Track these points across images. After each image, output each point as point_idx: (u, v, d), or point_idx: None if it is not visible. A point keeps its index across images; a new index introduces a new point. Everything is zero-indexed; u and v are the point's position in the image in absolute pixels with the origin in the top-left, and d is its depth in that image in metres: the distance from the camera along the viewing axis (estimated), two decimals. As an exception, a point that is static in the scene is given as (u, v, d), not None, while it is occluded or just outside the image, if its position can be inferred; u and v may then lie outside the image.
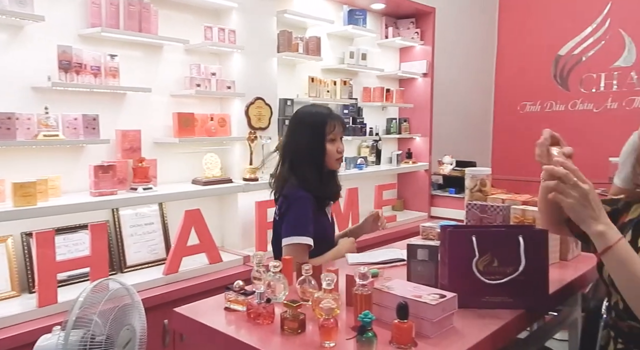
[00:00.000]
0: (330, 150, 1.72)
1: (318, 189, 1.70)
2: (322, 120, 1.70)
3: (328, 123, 1.70)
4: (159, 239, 2.39)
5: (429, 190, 3.84)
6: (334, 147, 1.72)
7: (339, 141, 1.75)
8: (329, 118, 1.71)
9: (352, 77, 3.45)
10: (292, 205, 1.66)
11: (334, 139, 1.72)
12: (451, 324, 1.10)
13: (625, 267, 0.92)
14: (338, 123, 1.73)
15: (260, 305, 1.11)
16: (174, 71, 2.51)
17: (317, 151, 1.70)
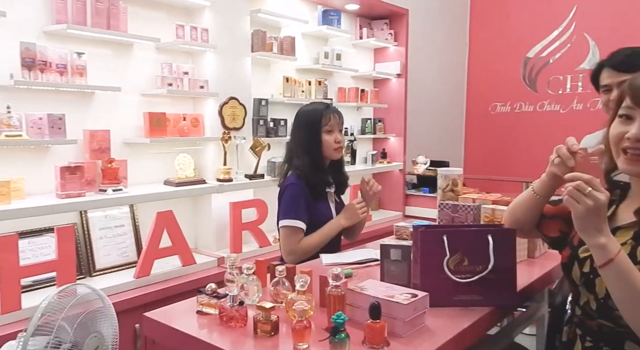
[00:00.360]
0: (327, 140, 1.85)
1: (311, 178, 1.82)
2: (318, 114, 1.85)
3: (324, 116, 1.84)
4: (130, 241, 2.34)
5: (404, 189, 3.89)
6: (331, 137, 1.85)
7: (336, 132, 1.87)
8: (324, 111, 1.86)
9: (327, 78, 3.45)
10: (284, 192, 1.85)
11: (330, 130, 1.85)
12: (423, 323, 1.12)
13: (625, 279, 0.89)
14: (334, 115, 1.86)
15: (233, 308, 1.10)
16: (145, 70, 2.45)
17: (314, 143, 1.84)
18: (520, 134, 4.57)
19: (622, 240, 0.98)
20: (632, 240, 0.97)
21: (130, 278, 2.13)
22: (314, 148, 1.84)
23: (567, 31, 4.36)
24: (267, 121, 3.02)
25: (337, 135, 1.87)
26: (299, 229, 1.78)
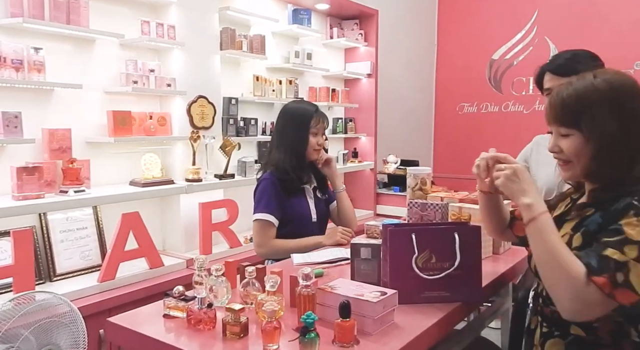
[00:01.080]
0: (312, 141, 1.93)
1: (287, 173, 1.88)
2: (309, 114, 1.92)
3: (314, 118, 1.92)
4: (94, 244, 2.26)
5: (375, 188, 3.92)
6: (315, 139, 1.93)
7: (320, 136, 1.95)
8: (315, 114, 1.93)
9: (298, 77, 3.44)
10: (257, 186, 1.94)
11: (316, 133, 1.93)
12: (392, 320, 1.12)
13: (543, 237, 0.98)
14: (322, 119, 1.95)
15: (201, 311, 1.07)
16: (109, 67, 2.37)
17: (300, 141, 1.91)
18: (486, 133, 4.69)
19: (564, 231, 1.05)
20: (571, 231, 1.04)
21: (94, 282, 2.06)
22: (299, 146, 1.91)
23: (530, 34, 4.51)
24: (237, 120, 2.98)
25: (320, 138, 1.94)
26: (268, 223, 1.86)
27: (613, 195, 0.98)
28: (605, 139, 0.97)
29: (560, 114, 1.02)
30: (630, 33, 3.99)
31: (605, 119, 0.97)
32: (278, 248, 1.86)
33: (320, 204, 2.03)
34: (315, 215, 1.99)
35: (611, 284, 0.89)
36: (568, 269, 0.93)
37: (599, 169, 1.00)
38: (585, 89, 1.00)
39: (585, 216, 1.03)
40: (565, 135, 1.03)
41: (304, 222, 1.94)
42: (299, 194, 1.95)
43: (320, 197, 2.05)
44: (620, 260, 0.89)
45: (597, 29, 4.09)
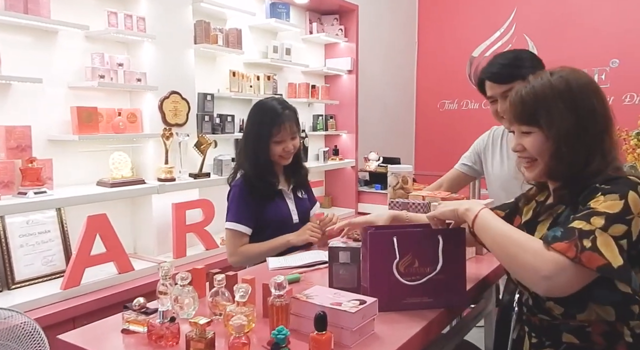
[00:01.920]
0: (275, 150, 1.78)
1: (255, 181, 1.79)
2: (271, 121, 1.76)
3: (276, 126, 1.75)
4: (57, 248, 2.12)
5: (356, 186, 3.86)
6: (279, 147, 1.78)
7: (287, 142, 1.78)
8: (277, 121, 1.75)
9: (277, 72, 3.34)
10: (229, 193, 1.85)
11: (280, 141, 1.77)
12: (372, 330, 1.05)
13: (490, 226, 1.00)
14: (288, 125, 1.77)
15: (163, 325, 0.98)
16: (73, 60, 2.24)
17: (262, 151, 1.77)
18: (467, 131, 4.64)
19: (540, 233, 1.03)
20: (547, 231, 1.00)
21: (57, 289, 1.93)
22: (261, 155, 1.78)
23: (508, 32, 4.50)
24: (213, 117, 2.87)
25: (287, 144, 1.78)
26: (239, 233, 1.78)
27: (576, 189, 0.98)
28: (562, 134, 0.97)
29: (520, 112, 1.03)
30: (606, 31, 4.01)
31: (562, 115, 0.97)
32: (249, 253, 1.77)
33: (302, 204, 1.93)
34: (297, 216, 1.88)
35: (576, 248, 0.87)
36: (524, 244, 0.93)
37: (559, 166, 1.00)
38: (542, 86, 1.00)
39: (557, 215, 1.03)
40: (526, 132, 1.03)
41: (283, 225, 1.83)
42: (275, 196, 1.85)
43: (301, 198, 1.94)
44: (585, 229, 0.88)
45: (574, 27, 4.11)
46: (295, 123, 1.82)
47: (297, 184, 1.94)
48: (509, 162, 1.76)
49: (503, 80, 1.55)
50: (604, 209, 0.89)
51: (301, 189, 1.97)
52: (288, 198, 1.89)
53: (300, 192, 1.96)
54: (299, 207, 1.91)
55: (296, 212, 1.89)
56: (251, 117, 1.84)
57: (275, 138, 1.75)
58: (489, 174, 1.88)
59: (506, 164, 1.79)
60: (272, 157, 1.79)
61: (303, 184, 1.98)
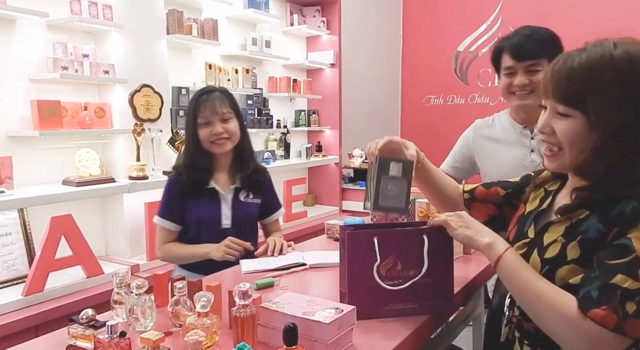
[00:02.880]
0: (203, 135, 1.61)
1: (184, 173, 1.63)
2: (192, 104, 1.64)
3: (196, 107, 1.61)
4: (20, 252, 1.98)
5: (340, 184, 3.76)
6: (207, 130, 1.60)
7: (215, 124, 1.60)
8: (197, 101, 1.62)
9: (256, 66, 3.21)
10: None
11: (207, 122, 1.60)
12: (350, 342, 0.95)
13: (517, 276, 0.87)
14: (209, 104, 1.60)
15: (112, 341, 0.86)
16: (34, 51, 2.09)
17: (192, 137, 1.64)
18: (453, 126, 4.56)
19: (552, 237, 0.89)
20: (563, 238, 0.87)
21: (18, 296, 1.80)
22: (192, 143, 1.64)
23: (495, 25, 4.44)
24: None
25: (215, 127, 1.59)
26: (162, 228, 1.67)
27: (603, 195, 0.82)
28: (613, 129, 0.79)
29: (563, 88, 0.82)
30: (594, 24, 3.96)
31: (618, 105, 0.78)
32: (171, 253, 1.66)
33: (244, 208, 1.67)
34: (230, 221, 1.64)
35: (617, 316, 0.73)
36: (556, 307, 0.80)
37: (597, 165, 0.82)
38: (601, 61, 0.80)
39: (578, 221, 0.86)
40: (563, 114, 0.84)
41: (209, 228, 1.63)
42: (204, 194, 1.64)
43: (243, 201, 1.68)
44: (631, 289, 0.74)
45: (562, 20, 4.05)
46: (226, 104, 1.62)
47: (244, 185, 1.68)
48: (510, 150, 1.64)
49: (523, 56, 1.45)
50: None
51: (251, 191, 1.69)
52: (223, 199, 1.65)
53: (247, 195, 1.69)
54: (236, 212, 1.65)
55: (230, 216, 1.65)
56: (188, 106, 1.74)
57: (199, 119, 1.60)
58: (486, 169, 1.75)
59: (508, 154, 1.65)
60: (203, 144, 1.61)
61: (253, 185, 1.70)
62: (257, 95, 3.16)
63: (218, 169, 1.67)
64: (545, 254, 0.88)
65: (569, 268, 0.83)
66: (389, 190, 1.08)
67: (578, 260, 0.83)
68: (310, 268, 1.45)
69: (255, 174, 1.70)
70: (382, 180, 1.08)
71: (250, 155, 1.72)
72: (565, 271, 0.84)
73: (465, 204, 1.22)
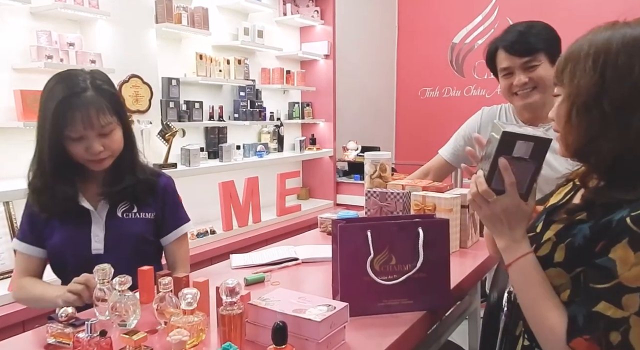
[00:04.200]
0: (75, 152, 1.16)
1: (36, 186, 1.21)
2: (54, 109, 1.11)
3: (60, 115, 1.11)
4: (5, 246, 1.93)
5: (334, 177, 3.72)
6: (80, 147, 1.15)
7: (90, 139, 1.15)
8: (61, 106, 1.11)
9: (248, 56, 3.15)
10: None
11: (78, 137, 1.14)
12: (342, 340, 0.91)
13: (526, 280, 0.84)
14: (82, 115, 1.12)
15: (92, 340, 0.82)
16: (17, 39, 2.02)
17: (55, 152, 1.15)
18: (449, 118, 4.54)
19: (549, 235, 0.86)
20: (555, 237, 0.84)
21: (4, 291, 1.75)
22: (50, 156, 1.16)
23: (491, 16, 4.39)
24: (179, 104, 2.68)
25: (93, 144, 1.15)
26: (21, 255, 1.26)
27: (603, 199, 0.78)
28: (576, 95, 0.77)
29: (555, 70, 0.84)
30: (592, 14, 3.92)
31: (584, 71, 0.77)
32: (24, 292, 1.24)
33: (119, 227, 1.25)
34: (101, 245, 1.23)
35: (600, 347, 0.70)
36: (549, 324, 0.78)
37: (568, 137, 0.80)
38: (588, 40, 0.80)
39: (574, 221, 0.82)
40: (556, 96, 0.84)
41: (76, 256, 1.22)
42: (72, 213, 1.22)
43: (123, 217, 1.27)
44: (615, 317, 0.70)
45: (559, 10, 4.01)
46: (105, 110, 1.15)
47: (123, 197, 1.27)
48: None
49: (520, 51, 1.39)
50: (635, 279, 0.69)
51: (135, 203, 1.29)
52: (93, 217, 1.24)
53: (130, 209, 1.28)
54: (112, 232, 1.24)
55: (102, 239, 1.23)
56: (39, 105, 1.19)
57: (67, 132, 1.13)
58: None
59: None
60: (73, 158, 1.18)
61: (138, 196, 1.28)
62: (249, 87, 3.10)
63: (87, 179, 1.25)
64: (539, 250, 0.86)
65: (554, 271, 0.82)
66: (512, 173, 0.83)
67: (562, 263, 0.81)
68: (302, 263, 1.41)
69: (140, 185, 1.28)
70: (500, 160, 0.83)
71: (131, 167, 1.27)
72: (552, 273, 0.83)
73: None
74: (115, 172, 1.24)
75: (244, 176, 2.84)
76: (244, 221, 2.78)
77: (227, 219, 2.69)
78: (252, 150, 3.10)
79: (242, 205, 2.78)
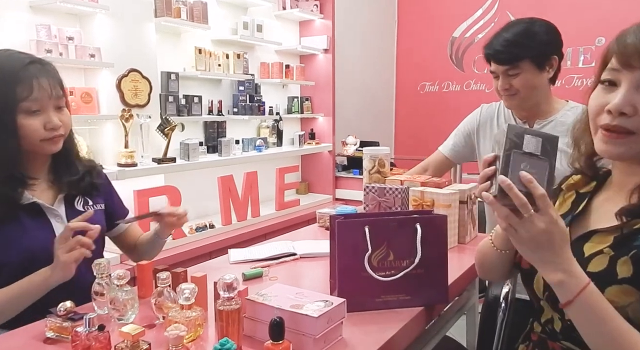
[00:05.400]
0: (29, 126, 1.05)
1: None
2: (13, 77, 1.02)
3: (21, 84, 1.03)
4: None
5: (333, 172, 3.72)
6: (36, 121, 1.06)
7: (49, 112, 1.07)
8: (24, 74, 1.03)
9: (248, 51, 3.14)
10: None
11: (36, 109, 1.06)
12: (340, 336, 0.91)
13: (592, 322, 0.71)
14: (46, 82, 1.06)
15: (90, 335, 0.82)
16: (16, 34, 2.01)
17: (3, 135, 1.04)
18: (448, 113, 4.55)
19: (598, 247, 0.77)
20: (611, 250, 0.75)
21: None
22: (3, 140, 1.04)
23: (491, 10, 4.37)
24: (178, 98, 2.67)
25: (50, 116, 1.07)
26: None
27: None
28: None
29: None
30: (592, 8, 3.91)
31: None
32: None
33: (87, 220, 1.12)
34: None
35: None
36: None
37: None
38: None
39: (632, 231, 0.73)
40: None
41: (42, 260, 1.06)
42: (21, 215, 1.09)
43: (83, 210, 1.18)
44: None
45: (559, 4, 4.00)
46: (58, 82, 1.10)
47: (76, 190, 1.19)
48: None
49: (504, 61, 1.41)
50: None
51: (88, 196, 1.22)
52: (52, 215, 1.13)
53: (85, 202, 1.21)
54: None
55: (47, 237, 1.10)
56: None
57: (25, 104, 1.04)
58: (483, 156, 1.70)
59: None
60: (27, 141, 1.06)
61: (87, 187, 1.20)
62: (248, 82, 3.10)
63: (33, 174, 1.12)
64: (588, 266, 0.75)
65: (620, 288, 0.72)
66: (523, 169, 0.74)
67: (630, 279, 0.72)
68: (300, 258, 1.42)
69: (89, 175, 1.21)
70: (512, 156, 0.75)
71: (76, 152, 1.21)
72: (615, 291, 0.72)
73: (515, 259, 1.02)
74: (63, 160, 1.16)
75: (242, 171, 2.84)
76: (242, 215, 2.79)
77: (226, 214, 2.70)
78: (251, 145, 3.10)
79: (241, 200, 2.79)
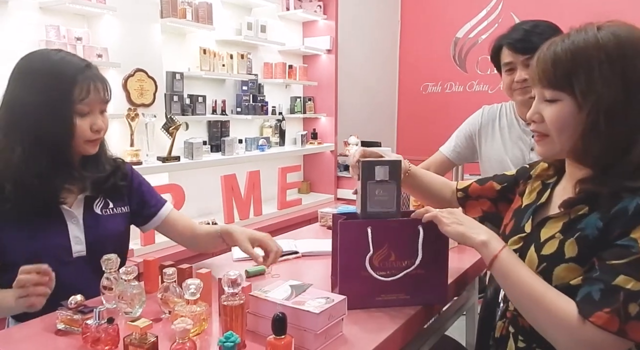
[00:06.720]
0: (80, 128, 1.08)
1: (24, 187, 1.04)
2: (69, 78, 1.05)
3: (79, 83, 1.06)
4: None
5: (335, 171, 3.75)
6: (85, 122, 1.08)
7: (96, 114, 1.11)
8: (80, 75, 1.06)
9: (251, 51, 3.17)
10: None
11: (88, 111, 1.09)
12: (340, 332, 0.95)
13: (513, 277, 0.84)
14: (96, 85, 1.09)
15: (100, 327, 0.86)
16: (26, 34, 2.05)
17: (58, 128, 1.06)
18: (451, 114, 4.57)
19: (551, 232, 0.86)
20: (561, 234, 0.84)
21: None
22: (57, 138, 1.07)
23: (495, 11, 4.38)
24: (182, 97, 2.71)
25: (96, 119, 1.10)
26: None
27: (610, 189, 0.78)
28: (603, 105, 0.77)
29: (549, 72, 0.81)
30: (597, 8, 3.92)
31: (606, 80, 0.76)
32: None
33: (100, 225, 1.17)
34: (83, 247, 1.15)
35: (619, 318, 0.71)
36: (555, 313, 0.77)
37: (588, 146, 0.80)
38: (585, 42, 0.79)
39: (577, 216, 0.83)
40: (551, 100, 0.82)
41: (56, 262, 1.05)
42: (40, 215, 1.09)
43: (101, 214, 1.19)
44: (634, 290, 0.71)
45: (563, 5, 4.01)
46: (109, 88, 1.14)
47: (98, 191, 1.18)
48: (512, 144, 1.63)
49: (523, 49, 1.42)
50: None
51: (110, 198, 1.22)
52: (69, 216, 1.13)
53: (106, 205, 1.21)
54: (92, 231, 1.16)
55: (83, 240, 1.14)
56: (26, 79, 1.07)
57: (80, 106, 1.06)
58: (484, 157, 1.71)
59: (509, 147, 1.62)
60: (75, 143, 1.09)
61: (112, 188, 1.20)
62: (252, 82, 3.13)
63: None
64: (542, 250, 0.86)
65: (567, 266, 0.81)
66: (377, 195, 1.04)
67: (575, 258, 0.80)
68: (302, 256, 1.45)
69: (114, 176, 1.20)
70: (367, 186, 1.03)
71: (105, 152, 1.22)
72: (563, 269, 0.81)
73: (460, 203, 1.22)
74: (95, 157, 1.16)
75: (245, 170, 2.88)
76: (245, 214, 2.82)
77: (228, 212, 2.73)
78: (254, 144, 3.13)
79: (244, 199, 2.82)
